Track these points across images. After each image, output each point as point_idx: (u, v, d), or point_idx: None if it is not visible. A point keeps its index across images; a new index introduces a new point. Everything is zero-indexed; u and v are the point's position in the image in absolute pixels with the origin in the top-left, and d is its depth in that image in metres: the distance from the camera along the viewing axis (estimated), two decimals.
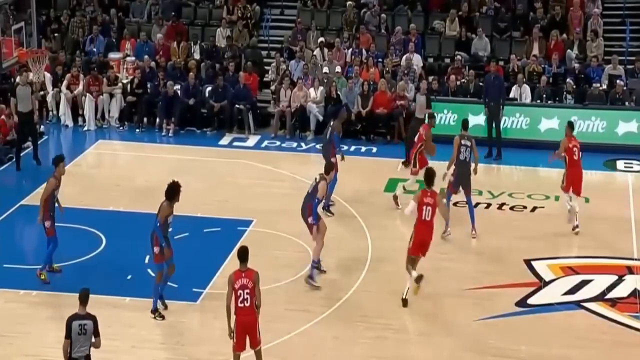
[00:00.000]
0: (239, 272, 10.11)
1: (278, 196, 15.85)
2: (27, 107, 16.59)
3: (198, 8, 22.35)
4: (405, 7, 21.82)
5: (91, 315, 9.35)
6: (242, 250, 10.25)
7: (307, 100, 19.31)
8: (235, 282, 10.05)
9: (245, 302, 10.01)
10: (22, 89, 16.62)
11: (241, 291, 10.01)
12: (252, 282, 10.04)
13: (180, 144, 18.58)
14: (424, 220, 12.12)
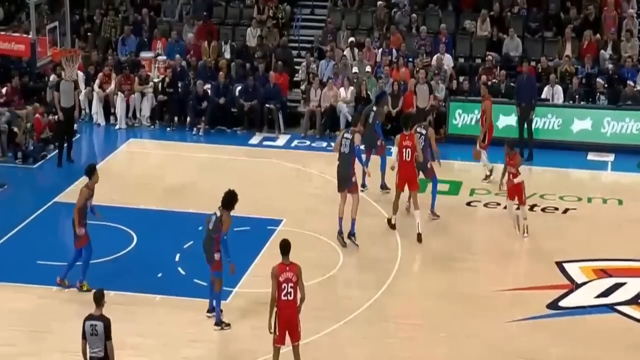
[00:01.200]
0: (283, 265, 10.06)
1: (307, 196, 15.89)
2: (69, 103, 16.82)
3: (229, 8, 22.45)
4: (436, 7, 21.75)
5: (104, 317, 9.36)
6: (285, 243, 10.18)
7: (337, 100, 19.31)
8: (280, 275, 10.00)
9: (288, 296, 9.99)
10: (65, 84, 16.86)
11: (285, 284, 9.98)
12: (296, 276, 10.02)
13: (210, 143, 18.67)
14: (404, 161, 14.10)
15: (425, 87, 17.94)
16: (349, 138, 13.88)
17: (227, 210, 11.54)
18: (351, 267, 13.48)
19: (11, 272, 12.87)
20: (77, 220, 12.14)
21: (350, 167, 13.80)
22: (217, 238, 11.52)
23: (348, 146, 13.84)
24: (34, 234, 14.12)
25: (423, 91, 17.95)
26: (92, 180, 12.44)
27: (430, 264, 13.67)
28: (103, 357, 9.34)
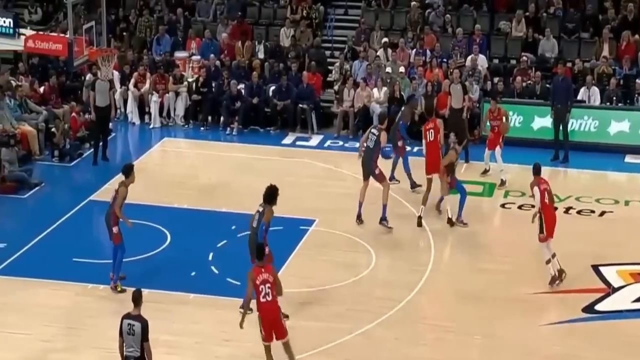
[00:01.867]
0: (258, 269, 10.28)
1: (340, 196, 15.89)
2: (104, 102, 17.02)
3: (263, 8, 22.52)
4: (470, 7, 21.62)
5: (142, 318, 9.44)
6: (259, 247, 10.51)
7: (370, 100, 19.28)
8: (256, 278, 10.20)
9: (267, 297, 10.20)
10: (101, 84, 17.04)
11: (262, 286, 10.18)
12: (271, 276, 10.24)
13: (243, 143, 18.73)
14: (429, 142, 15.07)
15: (459, 87, 17.84)
16: (376, 134, 14.28)
17: (270, 205, 11.75)
18: (384, 268, 13.47)
19: (48, 269, 13.04)
20: (119, 217, 12.30)
21: (372, 161, 14.27)
22: (265, 232, 11.72)
23: (373, 141, 14.26)
24: (69, 231, 14.29)
25: (457, 91, 17.82)
26: (129, 179, 12.56)
27: (464, 265, 13.60)
28: (139, 357, 9.42)
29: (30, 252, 13.60)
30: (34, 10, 22.21)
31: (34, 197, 15.76)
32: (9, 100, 17.68)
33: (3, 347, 11.10)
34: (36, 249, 13.73)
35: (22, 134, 17.14)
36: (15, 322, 11.65)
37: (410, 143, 16.53)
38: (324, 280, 12.98)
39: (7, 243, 13.75)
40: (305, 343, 11.40)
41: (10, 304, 12.11)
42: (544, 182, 12.75)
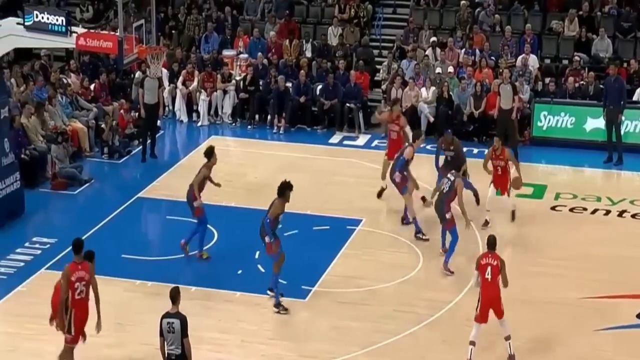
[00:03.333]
0: (75, 265, 10.21)
1: (387, 196, 15.80)
2: (153, 99, 17.24)
3: (310, 6, 22.56)
4: (521, 6, 21.37)
5: (180, 314, 9.52)
6: (77, 242, 10.35)
7: (419, 100, 19.17)
8: (72, 274, 10.13)
9: (82, 294, 10.17)
10: (150, 81, 17.28)
11: (78, 284, 10.13)
12: (88, 274, 10.16)
13: (290, 142, 18.77)
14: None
15: (508, 88, 17.61)
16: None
17: (280, 197, 11.93)
18: (431, 269, 13.38)
19: (97, 265, 13.05)
20: (196, 192, 13.00)
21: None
22: (269, 223, 11.89)
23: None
24: (118, 228, 14.45)
25: (507, 92, 17.60)
26: (211, 161, 13.32)
27: (513, 269, 13.33)
28: (180, 355, 9.48)
29: None
30: (85, 9, 22.56)
31: (84, 194, 15.99)
32: (61, 98, 17.97)
33: (52, 341, 11.25)
34: (85, 245, 13.80)
35: (72, 131, 17.41)
36: None
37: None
38: (370, 281, 12.95)
39: (58, 239, 13.96)
40: (351, 344, 11.40)
41: None
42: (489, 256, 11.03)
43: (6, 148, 14.44)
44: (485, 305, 10.87)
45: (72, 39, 14.21)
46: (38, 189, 15.87)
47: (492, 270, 10.82)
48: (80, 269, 10.19)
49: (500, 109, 17.74)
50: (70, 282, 10.11)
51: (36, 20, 13.98)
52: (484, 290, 10.85)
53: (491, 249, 11.04)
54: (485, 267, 10.86)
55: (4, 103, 14.51)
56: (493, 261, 10.89)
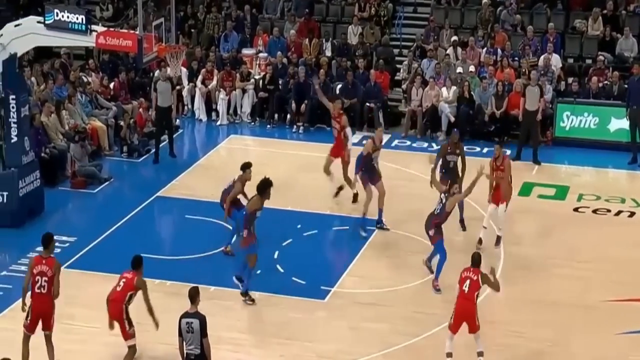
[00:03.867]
0: (40, 258, 10.27)
1: (407, 196, 15.78)
2: (166, 102, 17.21)
3: (330, 5, 22.54)
4: (544, 5, 21.25)
5: (199, 314, 9.53)
6: (46, 236, 10.41)
7: (439, 100, 19.11)
8: (34, 267, 10.22)
9: (42, 289, 10.21)
10: (162, 84, 17.27)
11: (39, 277, 10.20)
12: (51, 271, 10.18)
13: (310, 141, 18.74)
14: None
15: (536, 90, 17.34)
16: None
17: (260, 194, 12.07)
18: (452, 271, 13.17)
19: (116, 264, 13.18)
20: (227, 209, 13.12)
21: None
22: (245, 217, 12.06)
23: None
24: (137, 227, 14.51)
25: (533, 93, 17.31)
26: (245, 174, 13.27)
27: (534, 271, 13.36)
28: (199, 355, 9.49)
29: (99, 247, 13.89)
30: (105, 7, 22.67)
31: (103, 193, 16.07)
32: (80, 96, 18.07)
33: (72, 340, 11.34)
34: (105, 244, 14.00)
35: (92, 130, 17.51)
36: (85, 316, 11.89)
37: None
38: (390, 282, 12.92)
39: (77, 237, 14.05)
40: (371, 345, 11.39)
41: (79, 298, 12.36)
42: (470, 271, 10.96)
43: (26, 146, 14.56)
44: (459, 318, 10.78)
45: (92, 37, 14.29)
46: (58, 187, 15.97)
47: (470, 284, 10.68)
48: (44, 263, 10.27)
49: (526, 111, 17.50)
50: (32, 274, 10.28)
51: (56, 19, 14.06)
52: (459, 302, 10.77)
53: (474, 265, 10.85)
54: (464, 280, 10.74)
55: (24, 102, 14.61)
56: (473, 276, 10.72)
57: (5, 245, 13.70)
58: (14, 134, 14.34)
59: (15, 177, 14.32)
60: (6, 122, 14.35)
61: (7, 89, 14.30)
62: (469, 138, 18.73)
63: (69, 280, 12.69)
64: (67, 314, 11.84)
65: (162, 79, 17.15)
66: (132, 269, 10.88)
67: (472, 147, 18.39)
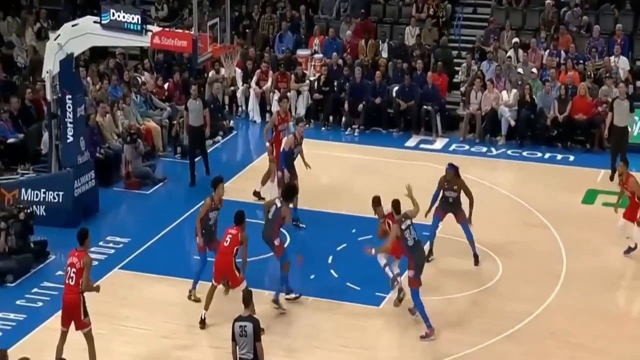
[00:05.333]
0: (74, 251, 10.54)
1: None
2: (198, 121, 16.51)
3: (387, 5, 22.55)
4: (611, 6, 20.94)
5: (253, 317, 9.61)
6: (81, 232, 10.65)
7: (499, 103, 18.96)
8: (68, 258, 10.52)
9: (70, 280, 10.43)
10: (192, 103, 16.59)
11: (69, 268, 10.41)
12: (80, 263, 10.35)
13: (365, 144, 18.78)
14: None
15: (625, 104, 16.41)
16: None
17: (287, 201, 12.26)
18: (511, 279, 13.22)
19: (169, 266, 13.49)
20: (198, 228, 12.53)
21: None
22: (274, 229, 12.18)
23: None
24: (190, 229, 14.57)
25: (623, 108, 16.43)
26: (216, 192, 12.61)
27: (599, 281, 13.18)
28: (252, 359, 9.57)
29: (153, 248, 14.13)
30: (160, 7, 23.03)
31: (157, 194, 16.33)
32: (135, 97, 18.38)
33: (125, 341, 11.56)
34: (158, 245, 14.23)
35: (146, 130, 17.79)
36: (137, 317, 12.12)
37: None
38: (446, 289, 12.88)
39: (131, 238, 14.31)
40: (426, 353, 11.37)
41: (132, 299, 12.61)
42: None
43: (82, 146, 14.87)
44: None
45: (147, 37, 14.50)
46: (112, 187, 16.27)
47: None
48: (76, 255, 10.54)
49: (614, 127, 16.57)
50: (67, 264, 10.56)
51: (112, 19, 14.31)
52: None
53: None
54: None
55: (80, 101, 14.92)
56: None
57: (61, 245, 13.92)
58: (69, 134, 14.66)
59: (70, 177, 14.65)
60: (62, 122, 14.68)
61: (63, 89, 14.63)
62: (530, 143, 18.60)
63: (122, 282, 13.04)
64: (120, 315, 12.10)
65: (193, 98, 16.80)
66: (235, 224, 11.79)
67: (533, 153, 18.27)
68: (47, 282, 12.95)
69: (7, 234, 13.15)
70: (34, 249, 13.60)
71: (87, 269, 10.44)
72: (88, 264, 10.48)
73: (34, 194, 14.66)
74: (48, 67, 14.67)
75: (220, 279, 11.92)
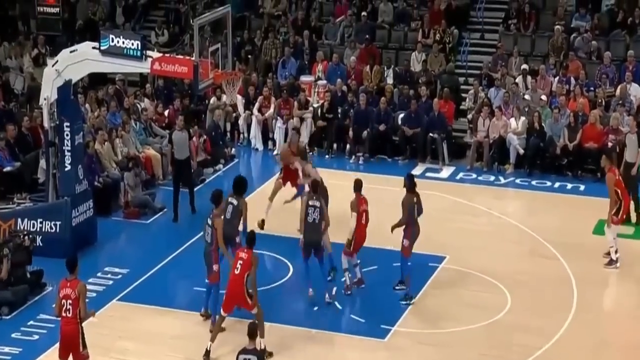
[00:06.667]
0: (65, 282, 10.56)
1: (472, 232, 15.84)
2: (183, 154, 16.53)
3: (392, 31, 22.81)
4: (622, 31, 21.17)
5: (257, 350, 9.74)
6: (70, 259, 10.75)
7: (507, 131, 19.12)
8: (60, 291, 10.58)
9: (67, 313, 10.48)
10: (177, 134, 16.56)
11: (64, 301, 10.50)
12: (75, 293, 10.42)
13: (370, 172, 18.82)
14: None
15: (634, 137, 16.38)
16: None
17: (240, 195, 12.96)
18: (520, 312, 13.30)
19: (169, 297, 13.60)
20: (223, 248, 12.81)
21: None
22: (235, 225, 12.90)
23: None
24: (191, 259, 14.76)
25: (633, 143, 16.34)
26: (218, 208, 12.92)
27: (612, 315, 13.25)
28: None
29: (153, 279, 14.24)
30: (161, 32, 23.33)
31: (157, 223, 16.46)
32: (135, 124, 18.56)
33: None
34: (158, 276, 14.34)
35: (146, 159, 17.95)
36: (137, 350, 12.20)
37: None
38: (454, 322, 12.96)
39: (130, 269, 14.43)
40: None
41: (131, 331, 12.69)
42: (364, 202, 13.42)
43: (80, 175, 15.02)
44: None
45: (147, 63, 14.68)
46: (111, 217, 16.40)
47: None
48: (69, 286, 10.58)
49: (625, 162, 16.35)
50: (59, 299, 10.63)
51: (112, 45, 14.51)
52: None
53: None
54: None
55: (78, 129, 15.06)
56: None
57: (58, 276, 13.90)
58: (67, 162, 14.82)
59: (68, 206, 14.77)
60: (60, 150, 14.84)
61: (61, 116, 14.80)
62: (539, 172, 18.74)
63: (121, 314, 13.11)
64: (118, 348, 12.19)
65: (178, 129, 16.75)
66: (247, 246, 11.84)
67: (543, 182, 18.41)
68: (44, 314, 13.02)
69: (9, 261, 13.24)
70: (30, 279, 13.71)
71: (82, 296, 10.54)
72: (83, 291, 10.58)
73: (31, 223, 14.77)
74: (46, 94, 14.87)
75: (230, 308, 11.96)
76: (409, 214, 13.36)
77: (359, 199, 13.60)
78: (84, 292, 10.61)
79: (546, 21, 21.99)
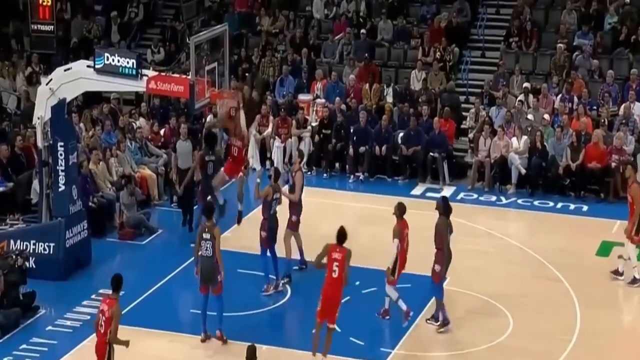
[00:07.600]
0: (106, 297, 10.96)
1: (473, 253, 15.89)
2: (187, 164, 16.85)
3: (392, 49, 22.98)
4: (625, 50, 21.34)
5: None
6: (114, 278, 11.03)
7: (509, 150, 19.25)
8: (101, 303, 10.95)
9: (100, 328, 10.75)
10: (181, 144, 16.99)
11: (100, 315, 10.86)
12: (109, 312, 10.71)
13: (369, 192, 18.98)
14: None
15: None
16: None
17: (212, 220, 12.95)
18: (522, 335, 13.36)
19: (165, 320, 13.64)
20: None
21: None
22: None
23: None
24: (187, 281, 14.81)
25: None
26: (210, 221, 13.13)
27: (617, 340, 13.29)
28: None
29: (148, 301, 14.29)
30: (157, 50, 23.49)
31: (152, 244, 16.53)
32: (130, 143, 18.65)
33: None
34: (153, 298, 14.39)
35: (141, 178, 18.02)
36: None
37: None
38: (456, 345, 13.01)
39: (125, 291, 14.33)
40: None
41: (127, 355, 12.68)
42: (407, 226, 13.46)
43: (74, 195, 15.09)
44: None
45: (143, 82, 14.76)
46: (106, 238, 16.47)
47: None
48: (106, 302, 10.85)
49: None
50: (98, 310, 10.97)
51: (107, 63, 14.61)
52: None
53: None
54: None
55: (72, 149, 15.14)
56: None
57: (51, 299, 14.14)
58: (61, 182, 14.89)
59: (62, 227, 14.84)
60: (54, 170, 14.92)
61: (55, 136, 14.89)
62: (542, 192, 18.83)
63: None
64: None
65: (182, 139, 17.06)
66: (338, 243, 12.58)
67: (545, 202, 18.51)
68: (37, 337, 13.08)
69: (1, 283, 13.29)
70: (23, 301, 13.76)
71: (116, 319, 10.75)
72: (117, 314, 10.80)
73: (24, 245, 14.83)
74: (39, 113, 14.93)
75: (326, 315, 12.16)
76: (442, 239, 13.26)
77: (401, 225, 13.44)
78: (117, 314, 10.82)
79: (548, 39, 22.18)
